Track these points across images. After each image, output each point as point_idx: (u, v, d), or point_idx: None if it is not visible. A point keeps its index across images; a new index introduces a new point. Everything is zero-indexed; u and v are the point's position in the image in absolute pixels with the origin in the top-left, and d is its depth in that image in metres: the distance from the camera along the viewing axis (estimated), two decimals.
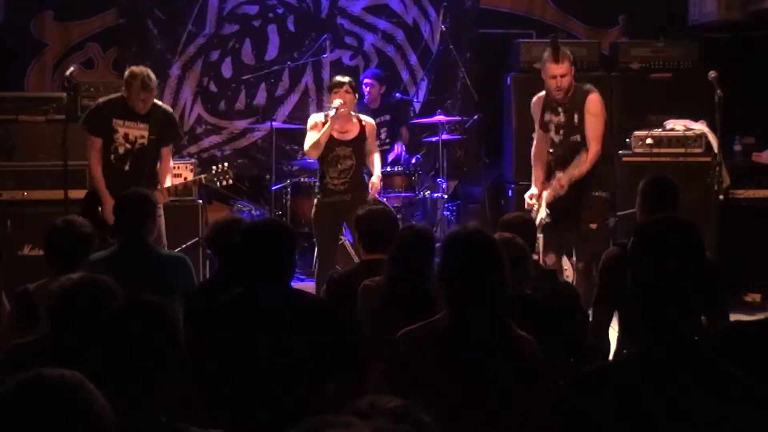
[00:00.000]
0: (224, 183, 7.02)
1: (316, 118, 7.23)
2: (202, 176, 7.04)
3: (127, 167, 6.67)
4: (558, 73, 6.52)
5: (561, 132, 6.65)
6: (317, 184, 7.32)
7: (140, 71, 6.58)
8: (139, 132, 6.66)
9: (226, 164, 7.10)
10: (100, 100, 6.81)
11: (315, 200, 7.31)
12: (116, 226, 5.35)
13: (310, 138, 7.07)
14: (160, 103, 6.87)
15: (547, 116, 6.73)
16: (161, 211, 6.75)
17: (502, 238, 3.94)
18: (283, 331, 3.73)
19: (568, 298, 4.44)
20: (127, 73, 6.67)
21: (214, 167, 7.06)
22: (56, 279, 4.09)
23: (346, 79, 7.17)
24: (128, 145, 6.66)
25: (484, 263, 3.13)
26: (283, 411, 3.57)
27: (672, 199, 4.66)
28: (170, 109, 6.99)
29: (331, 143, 7.06)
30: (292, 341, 3.72)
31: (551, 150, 6.76)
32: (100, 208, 6.57)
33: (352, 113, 7.20)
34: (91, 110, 6.76)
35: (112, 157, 6.66)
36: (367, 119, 7.34)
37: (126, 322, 2.63)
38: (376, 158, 7.33)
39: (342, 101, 7.01)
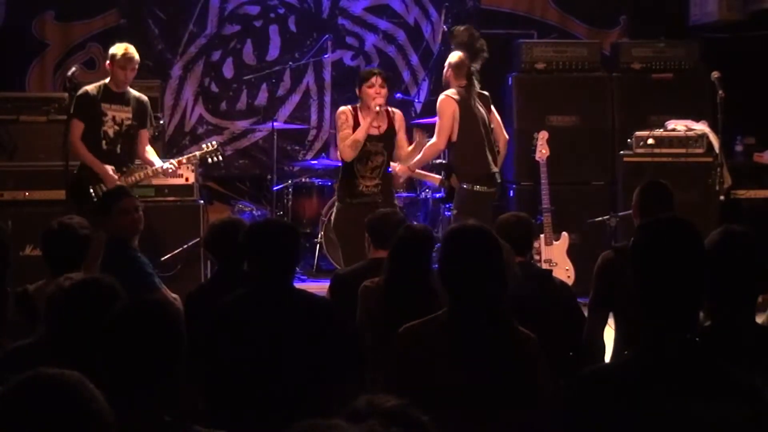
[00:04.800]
0: (215, 159, 7.09)
1: (343, 109, 6.76)
2: (196, 153, 7.09)
3: (118, 150, 6.77)
4: None
5: None
6: (341, 185, 6.77)
7: (125, 46, 6.73)
8: (125, 114, 6.80)
9: (214, 142, 7.21)
10: (87, 87, 6.85)
11: (339, 205, 6.76)
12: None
13: (345, 137, 6.61)
14: (136, 92, 6.94)
15: None
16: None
17: None
18: (287, 331, 3.73)
19: (564, 298, 4.44)
20: (112, 50, 6.76)
21: (204, 145, 7.15)
22: (55, 280, 4.10)
23: (377, 70, 6.83)
24: (117, 127, 6.77)
25: (484, 258, 3.16)
26: (285, 411, 3.57)
27: (667, 205, 4.66)
28: (145, 97, 7.05)
29: None
30: (296, 341, 3.72)
31: None
32: (92, 191, 6.59)
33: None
34: (79, 96, 6.78)
35: (104, 141, 6.73)
36: (395, 110, 6.87)
37: (130, 322, 2.64)
38: (409, 149, 6.88)
39: (382, 101, 6.58)
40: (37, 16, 9.23)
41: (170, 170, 6.92)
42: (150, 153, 6.97)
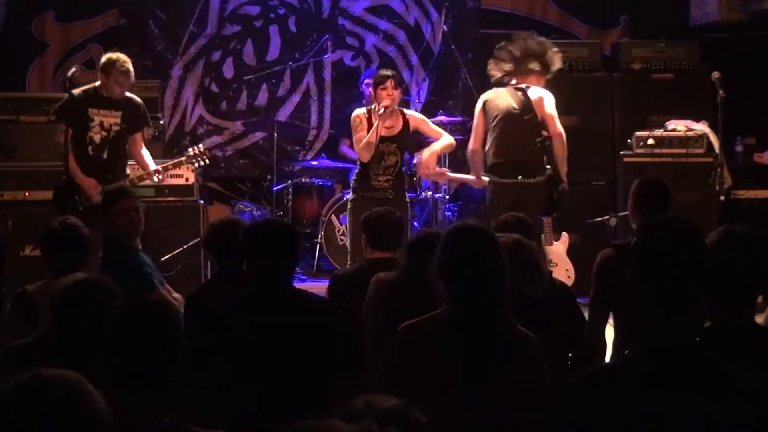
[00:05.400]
0: (201, 163, 7.09)
1: (358, 112, 6.98)
2: (182, 158, 7.08)
3: (105, 155, 6.73)
4: None
5: None
6: (357, 179, 7.00)
7: (118, 57, 6.69)
8: (113, 119, 6.74)
9: (202, 146, 7.19)
10: (74, 90, 6.82)
11: (353, 195, 7.00)
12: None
13: (360, 139, 6.85)
14: (129, 94, 6.89)
15: None
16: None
17: (512, 240, 3.93)
18: (287, 331, 3.73)
19: (564, 298, 4.43)
20: (105, 59, 6.73)
21: (190, 149, 7.13)
22: (55, 281, 4.10)
23: (391, 72, 7.00)
24: (104, 133, 6.72)
25: (483, 257, 3.16)
26: (285, 411, 3.57)
27: (663, 201, 4.65)
28: (139, 99, 7.00)
29: None
30: (296, 341, 3.72)
31: None
32: (77, 198, 6.58)
33: (396, 108, 6.96)
34: (65, 101, 6.78)
35: (90, 147, 6.70)
36: (410, 112, 7.13)
37: (129, 322, 2.64)
38: (443, 139, 7.11)
39: (389, 101, 6.79)
40: (38, 16, 9.23)
41: (157, 176, 6.84)
42: (145, 156, 6.91)
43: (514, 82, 7.29)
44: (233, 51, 9.58)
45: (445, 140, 7.14)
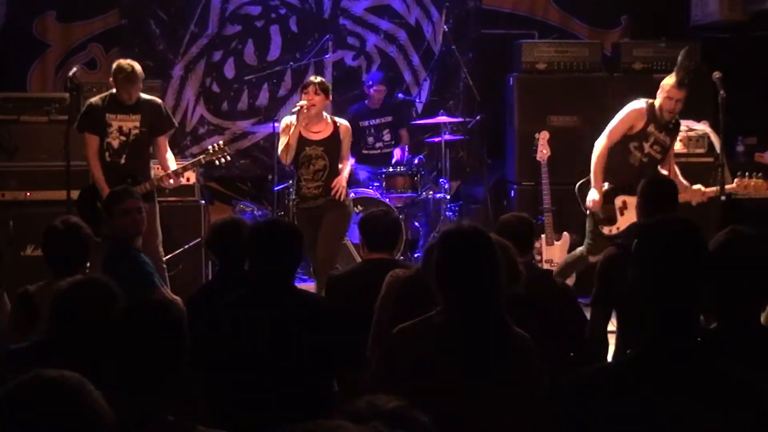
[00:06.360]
0: (223, 160, 7.07)
1: (287, 119, 6.97)
2: (201, 157, 7.07)
3: (123, 161, 6.73)
4: (678, 98, 6.83)
5: (656, 148, 6.87)
6: (293, 189, 7.07)
7: (127, 64, 6.71)
8: (132, 123, 6.74)
9: (221, 142, 7.21)
10: (92, 99, 6.87)
11: (293, 207, 7.09)
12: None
13: (282, 142, 6.90)
14: (148, 96, 6.91)
15: (651, 128, 6.85)
16: (156, 207, 6.80)
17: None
18: (287, 331, 3.73)
19: (565, 299, 4.43)
20: (114, 66, 6.77)
21: (210, 147, 7.13)
22: (56, 281, 4.10)
23: (318, 79, 6.95)
24: (123, 137, 6.73)
25: (479, 259, 3.15)
26: (286, 411, 3.57)
27: (671, 201, 4.66)
28: (159, 100, 7.03)
29: (301, 143, 6.85)
30: (296, 341, 3.73)
31: (633, 162, 6.87)
32: (99, 204, 6.59)
33: (325, 114, 6.98)
34: (83, 111, 6.81)
35: (107, 153, 6.71)
36: (342, 121, 7.06)
37: (132, 322, 2.65)
38: (347, 163, 7.09)
39: (305, 103, 6.79)
40: (38, 16, 9.23)
41: (172, 179, 6.83)
42: (169, 160, 6.90)
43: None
44: (234, 51, 9.58)
45: (347, 167, 7.09)
